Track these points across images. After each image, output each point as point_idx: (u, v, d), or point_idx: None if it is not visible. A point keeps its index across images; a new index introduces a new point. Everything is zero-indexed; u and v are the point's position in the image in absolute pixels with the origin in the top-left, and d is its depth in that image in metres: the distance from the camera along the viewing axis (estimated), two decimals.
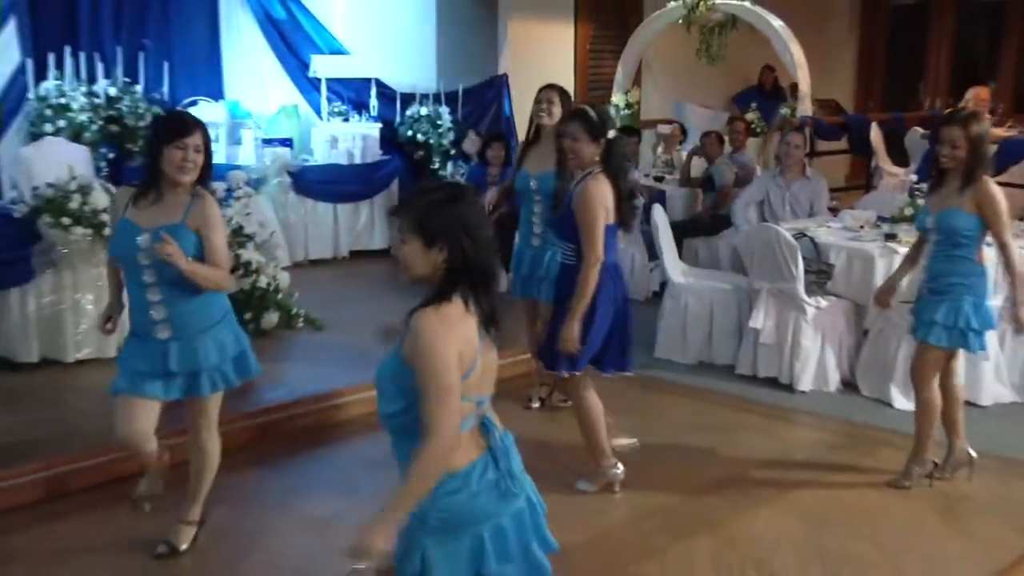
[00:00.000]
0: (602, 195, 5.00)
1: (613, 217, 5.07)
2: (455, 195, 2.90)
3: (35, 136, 8.87)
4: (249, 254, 7.35)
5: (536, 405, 6.65)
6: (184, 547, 4.64)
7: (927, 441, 5.45)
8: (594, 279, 4.99)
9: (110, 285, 4.69)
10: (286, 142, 10.60)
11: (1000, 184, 8.96)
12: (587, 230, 4.99)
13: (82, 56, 9.37)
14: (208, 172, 4.39)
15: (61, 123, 8.76)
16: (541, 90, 6.44)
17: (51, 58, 9.17)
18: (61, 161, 7.80)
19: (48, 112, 8.84)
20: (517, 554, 2.98)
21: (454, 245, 2.82)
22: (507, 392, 5.17)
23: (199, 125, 4.33)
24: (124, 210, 4.31)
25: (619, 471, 5.40)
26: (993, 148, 8.47)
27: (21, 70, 8.91)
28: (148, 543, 4.62)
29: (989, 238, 5.20)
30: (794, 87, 12.11)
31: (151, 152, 4.32)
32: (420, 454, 2.73)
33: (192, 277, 4.18)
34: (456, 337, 2.79)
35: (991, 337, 6.14)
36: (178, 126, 4.30)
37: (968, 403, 6.46)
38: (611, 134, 5.13)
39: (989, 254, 5.35)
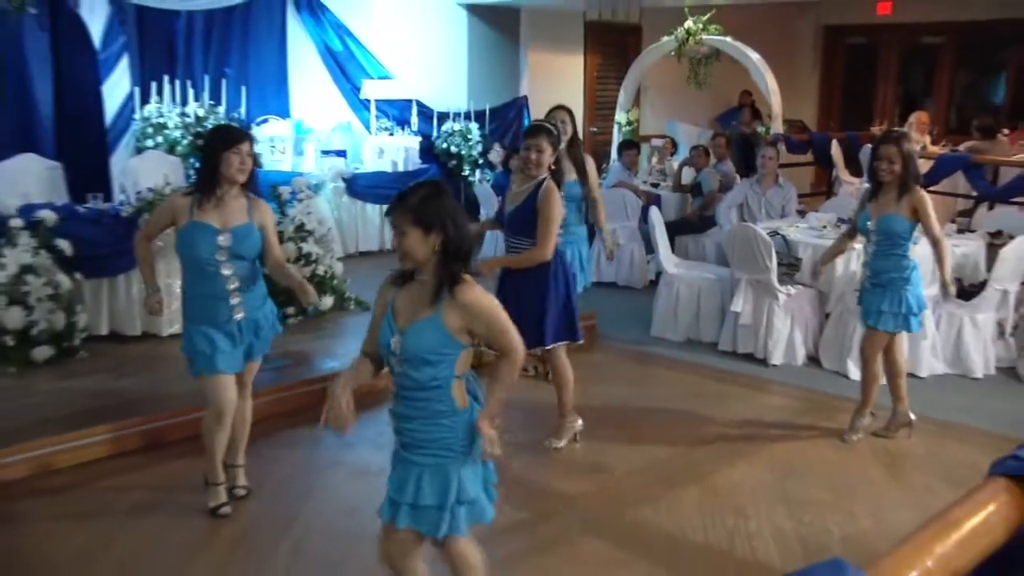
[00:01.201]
0: (559, 197, 5.07)
1: None
2: (439, 190, 3.04)
3: (139, 150, 8.94)
4: (309, 246, 7.43)
5: (531, 373, 6.56)
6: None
7: (869, 402, 5.58)
8: (539, 261, 5.03)
9: (149, 274, 4.50)
10: (341, 153, 10.67)
11: (936, 192, 9.08)
12: (549, 226, 5.00)
13: (177, 84, 9.45)
14: (255, 177, 4.37)
15: (159, 139, 8.84)
16: (553, 110, 6.38)
17: (153, 86, 9.25)
18: (158, 170, 7.91)
19: (149, 130, 8.91)
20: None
21: (446, 230, 2.94)
22: None
23: (248, 135, 4.33)
24: (191, 214, 4.20)
25: (580, 424, 5.50)
26: (931, 162, 8.54)
27: (130, 97, 9.00)
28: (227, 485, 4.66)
29: (916, 236, 5.30)
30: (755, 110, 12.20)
31: (209, 159, 4.24)
32: (506, 368, 3.06)
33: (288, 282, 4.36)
34: None
35: (928, 319, 6.19)
36: (234, 134, 4.30)
37: (909, 374, 6.49)
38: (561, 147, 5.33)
39: (918, 250, 5.41)
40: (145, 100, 9.20)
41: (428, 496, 3.04)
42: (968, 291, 6.95)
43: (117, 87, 8.95)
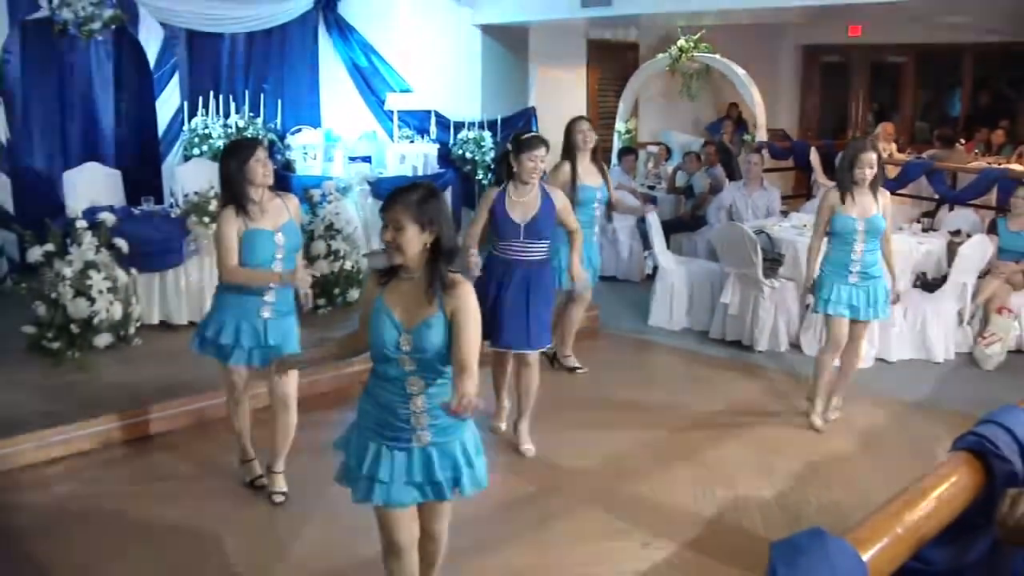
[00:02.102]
0: None
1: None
2: (433, 191, 2.95)
3: (186, 158, 8.99)
4: (338, 244, 7.43)
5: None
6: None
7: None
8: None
9: (264, 275, 4.17)
10: (366, 159, 10.66)
11: (902, 195, 9.12)
12: (571, 217, 5.09)
13: (221, 98, 9.50)
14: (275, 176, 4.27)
15: (204, 148, 8.88)
16: (581, 120, 6.20)
17: (200, 100, 9.31)
18: (203, 176, 7.95)
19: (196, 140, 8.94)
20: None
21: (440, 229, 2.86)
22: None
23: (260, 140, 4.26)
24: (245, 225, 4.09)
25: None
26: (898, 169, 8.55)
27: (180, 110, 9.06)
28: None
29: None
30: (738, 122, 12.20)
31: (235, 174, 4.09)
32: (471, 373, 2.74)
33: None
34: None
35: (896, 310, 6.20)
36: (247, 145, 4.20)
37: (879, 359, 6.57)
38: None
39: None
40: (193, 113, 9.25)
41: (473, 453, 3.02)
42: (931, 284, 6.98)
43: (169, 102, 9.01)
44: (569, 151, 6.11)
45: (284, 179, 8.96)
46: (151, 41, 8.81)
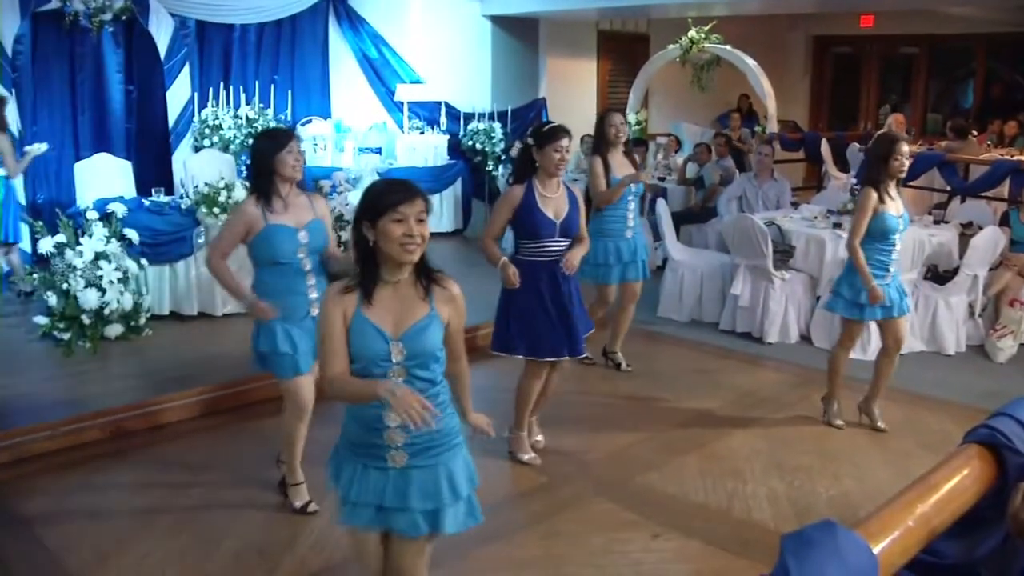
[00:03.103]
0: None
1: None
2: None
3: (197, 149, 9.01)
4: (348, 234, 7.45)
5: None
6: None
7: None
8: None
9: (237, 288, 4.00)
10: (377, 150, 10.66)
11: (914, 187, 9.06)
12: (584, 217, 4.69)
13: (231, 89, 9.51)
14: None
15: (215, 139, 8.89)
16: (614, 113, 5.96)
17: (210, 92, 9.32)
18: (214, 167, 7.98)
19: (206, 131, 8.96)
20: None
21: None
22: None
23: (295, 132, 3.96)
24: (265, 219, 3.88)
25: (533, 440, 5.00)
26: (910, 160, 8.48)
27: (191, 101, 9.07)
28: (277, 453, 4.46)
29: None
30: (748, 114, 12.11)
31: (264, 164, 3.91)
32: (467, 372, 2.86)
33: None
34: None
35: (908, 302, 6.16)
36: (282, 135, 4.03)
37: None
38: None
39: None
40: (203, 104, 9.26)
41: (463, 484, 2.70)
42: (942, 276, 6.95)
43: (179, 93, 9.02)
44: (601, 145, 5.89)
45: None
46: (162, 32, 8.83)
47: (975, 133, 11.38)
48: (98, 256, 6.27)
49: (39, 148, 7.40)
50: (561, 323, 4.56)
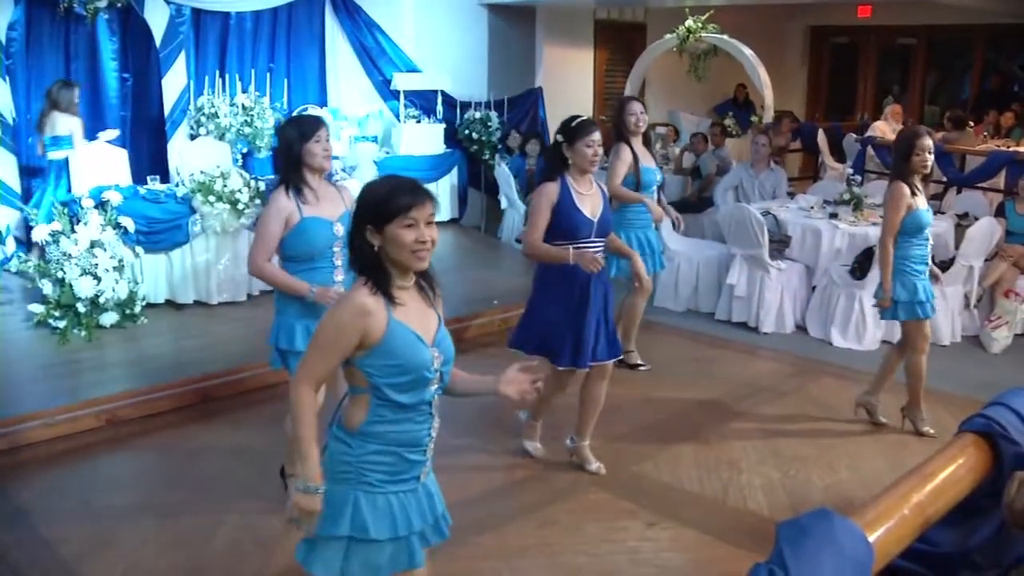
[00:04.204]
0: None
1: None
2: None
3: (192, 136, 8.97)
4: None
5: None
6: None
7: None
8: None
9: (294, 282, 3.72)
10: (373, 139, 10.63)
11: None
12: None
13: (227, 77, 9.47)
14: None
15: (211, 127, 8.85)
16: (633, 102, 5.74)
17: (206, 79, 9.29)
18: (210, 155, 7.95)
19: (202, 119, 8.91)
20: None
21: None
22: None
23: (323, 121, 3.86)
24: (300, 212, 3.70)
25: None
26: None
27: (186, 89, 9.03)
28: (273, 442, 4.42)
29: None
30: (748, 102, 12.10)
31: (291, 153, 3.74)
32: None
33: None
34: None
35: None
36: (311, 123, 3.82)
37: (884, 342, 6.52)
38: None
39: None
40: (199, 92, 9.22)
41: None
42: (938, 267, 6.92)
43: (175, 81, 8.96)
44: (622, 134, 5.71)
45: None
46: (157, 19, 8.77)
47: (972, 124, 11.38)
48: (93, 244, 6.26)
49: (111, 134, 7.58)
50: (601, 326, 4.41)
